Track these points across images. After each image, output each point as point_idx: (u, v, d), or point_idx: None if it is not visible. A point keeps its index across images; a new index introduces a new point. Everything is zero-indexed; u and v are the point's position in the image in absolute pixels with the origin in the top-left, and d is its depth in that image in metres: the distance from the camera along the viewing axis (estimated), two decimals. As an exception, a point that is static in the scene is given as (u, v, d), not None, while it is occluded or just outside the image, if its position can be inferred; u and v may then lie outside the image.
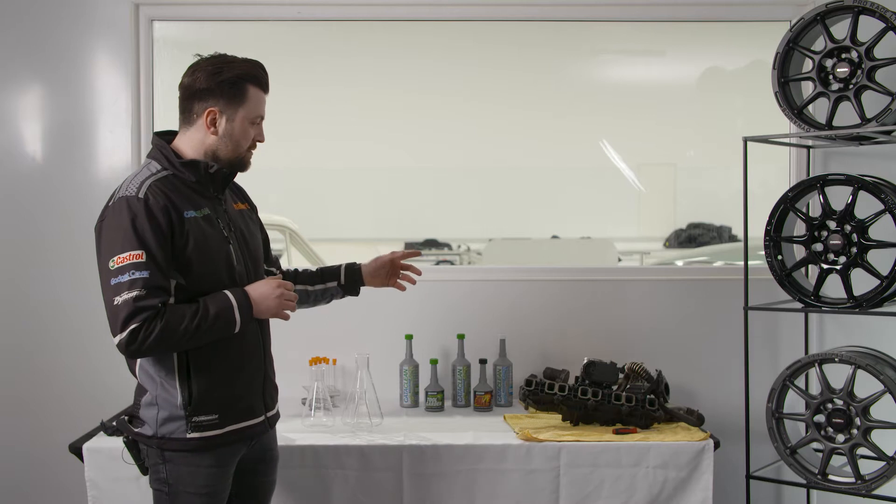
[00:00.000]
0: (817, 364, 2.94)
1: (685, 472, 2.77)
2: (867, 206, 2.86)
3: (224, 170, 2.23)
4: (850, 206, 2.88)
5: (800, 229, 3.02)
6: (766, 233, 3.03)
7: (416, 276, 2.70)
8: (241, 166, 2.28)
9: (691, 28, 4.26)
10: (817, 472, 2.94)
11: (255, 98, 2.22)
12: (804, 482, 2.99)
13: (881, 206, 2.83)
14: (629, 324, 3.50)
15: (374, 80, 4.79)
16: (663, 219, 6.52)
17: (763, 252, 3.06)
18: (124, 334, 2.03)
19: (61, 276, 3.42)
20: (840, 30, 2.97)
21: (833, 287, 2.94)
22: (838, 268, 2.92)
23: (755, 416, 3.15)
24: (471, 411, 3.26)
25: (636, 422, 2.89)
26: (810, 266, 3.10)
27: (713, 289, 3.52)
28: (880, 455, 2.84)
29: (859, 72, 2.89)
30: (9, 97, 3.43)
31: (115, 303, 2.03)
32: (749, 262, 3.15)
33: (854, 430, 2.87)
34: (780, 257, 3.03)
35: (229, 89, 2.18)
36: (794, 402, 3.02)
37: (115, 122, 3.43)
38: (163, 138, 2.26)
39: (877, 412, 2.86)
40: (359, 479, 2.74)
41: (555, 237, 5.82)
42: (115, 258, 2.05)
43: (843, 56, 2.93)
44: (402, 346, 3.31)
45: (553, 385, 2.91)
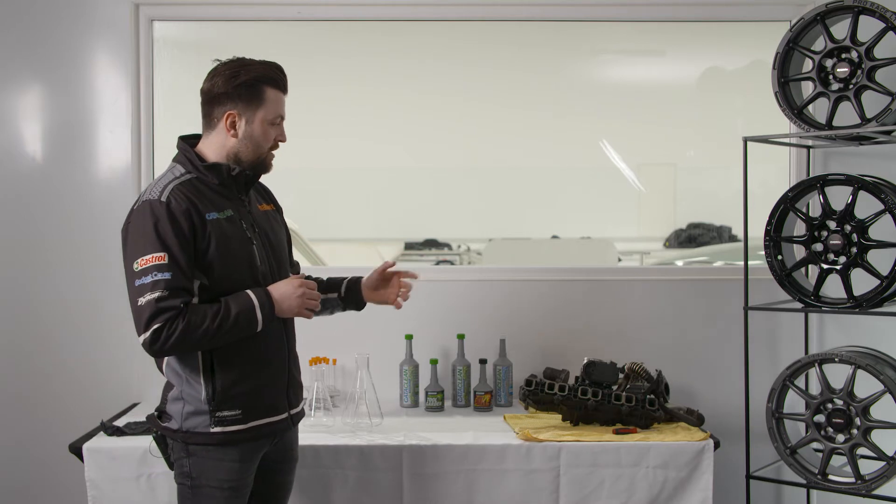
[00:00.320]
0: (817, 364, 2.94)
1: (685, 472, 2.77)
2: (867, 206, 2.86)
3: (247, 172, 2.27)
4: (850, 206, 2.88)
5: (800, 229, 3.02)
6: (766, 233, 3.03)
7: (412, 279, 2.59)
8: (263, 168, 2.32)
9: (691, 28, 4.25)
10: (817, 472, 2.94)
11: (272, 99, 2.26)
12: (804, 482, 2.99)
13: (881, 206, 2.83)
14: (629, 324, 3.50)
15: (373, 80, 4.79)
16: (663, 219, 6.51)
17: (763, 252, 3.06)
18: (148, 334, 2.08)
19: (61, 276, 3.42)
20: (840, 30, 2.97)
21: (833, 287, 2.94)
22: (838, 268, 2.92)
23: (755, 416, 3.15)
24: (471, 411, 3.26)
25: (636, 422, 2.89)
26: (810, 266, 3.10)
27: (713, 289, 3.51)
28: (880, 455, 2.84)
29: (859, 72, 2.89)
30: (9, 97, 3.43)
31: (139, 303, 2.09)
32: (749, 262, 3.15)
33: (854, 430, 2.87)
34: (780, 257, 3.03)
35: (246, 92, 2.22)
36: (794, 402, 3.02)
37: (115, 122, 3.43)
38: (187, 142, 2.30)
39: (877, 412, 2.86)
40: (359, 479, 2.74)
41: (555, 237, 5.82)
42: (138, 260, 2.10)
43: (843, 56, 2.93)
44: (402, 346, 3.31)
45: (553, 385, 2.91)
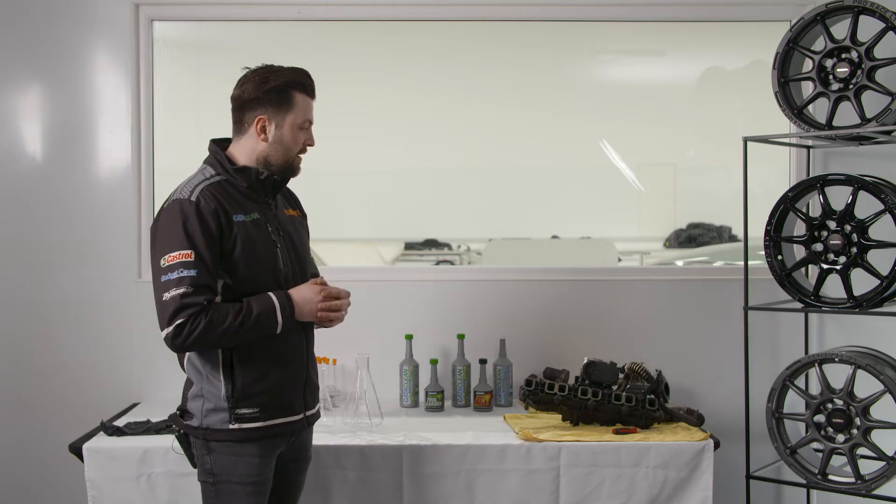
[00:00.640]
0: (817, 364, 2.94)
1: (685, 472, 2.77)
2: (867, 206, 2.86)
3: (275, 177, 2.31)
4: (850, 206, 2.88)
5: (800, 229, 3.02)
6: (766, 233, 3.03)
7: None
8: (292, 171, 2.36)
9: (691, 28, 4.24)
10: (817, 472, 2.94)
11: (301, 104, 2.31)
12: (804, 482, 2.99)
13: (881, 206, 2.83)
14: (629, 324, 3.50)
15: (373, 81, 4.77)
16: (663, 219, 6.50)
17: (763, 252, 3.06)
18: (171, 328, 2.12)
19: (61, 275, 3.42)
20: (840, 30, 2.97)
21: (833, 287, 2.94)
22: (838, 268, 2.92)
23: (755, 416, 3.15)
24: (471, 411, 3.26)
25: (636, 422, 2.89)
26: (810, 266, 3.10)
27: (713, 289, 3.52)
28: (880, 455, 2.84)
29: (859, 72, 2.89)
30: (9, 97, 3.43)
31: (164, 298, 2.14)
32: (749, 262, 3.15)
33: (854, 430, 2.87)
34: (780, 257, 3.03)
35: (276, 97, 2.28)
36: (794, 402, 3.02)
37: (115, 122, 3.44)
38: (218, 145, 2.35)
39: (877, 412, 2.86)
40: (359, 479, 2.74)
41: (555, 237, 5.81)
42: (165, 257, 2.15)
43: (843, 56, 2.93)
44: (402, 346, 3.31)
45: (553, 385, 2.91)
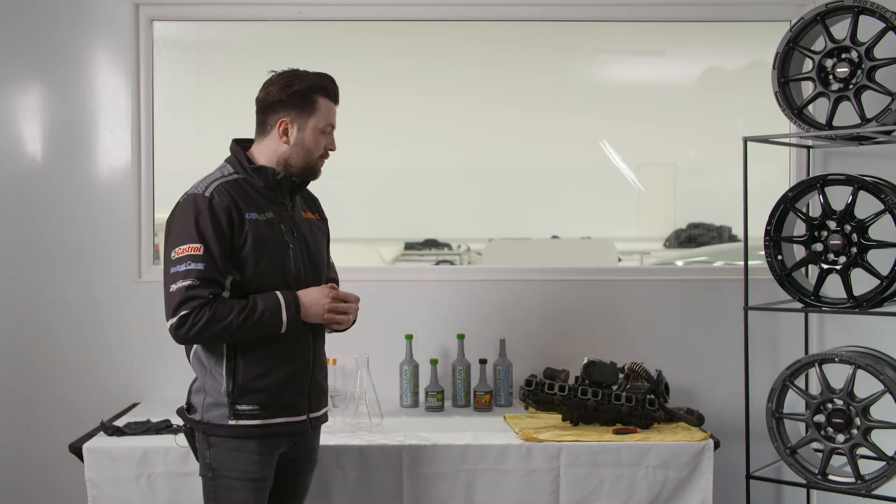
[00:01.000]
0: (817, 364, 2.94)
1: (685, 472, 2.77)
2: (867, 206, 2.86)
3: (293, 178, 2.33)
4: (850, 206, 2.88)
5: (800, 229, 3.02)
6: (766, 233, 3.03)
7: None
8: (312, 174, 2.38)
9: (691, 28, 4.24)
10: (817, 472, 2.94)
11: (324, 108, 2.33)
12: (804, 482, 2.99)
13: (881, 206, 2.83)
14: (629, 324, 3.50)
15: (373, 81, 4.77)
16: (663, 219, 6.49)
17: (763, 252, 3.06)
18: (175, 319, 2.16)
19: (61, 275, 3.42)
20: (840, 30, 2.97)
21: (833, 287, 2.94)
22: (838, 268, 2.92)
23: (755, 416, 3.15)
24: (471, 411, 3.26)
25: (636, 422, 2.89)
26: (810, 266, 3.10)
27: (713, 289, 3.51)
28: (880, 455, 2.84)
29: (859, 72, 2.89)
30: (9, 97, 3.43)
31: (171, 290, 2.17)
32: (749, 262, 3.15)
33: (854, 430, 2.87)
34: (780, 257, 3.03)
35: (300, 100, 2.30)
36: (794, 402, 3.02)
37: (115, 122, 3.44)
38: (240, 145, 2.37)
39: (877, 412, 2.86)
40: (359, 479, 2.74)
41: (555, 237, 5.80)
42: (176, 249, 2.19)
43: (843, 56, 2.93)
44: (402, 346, 3.31)
45: (553, 385, 2.91)
